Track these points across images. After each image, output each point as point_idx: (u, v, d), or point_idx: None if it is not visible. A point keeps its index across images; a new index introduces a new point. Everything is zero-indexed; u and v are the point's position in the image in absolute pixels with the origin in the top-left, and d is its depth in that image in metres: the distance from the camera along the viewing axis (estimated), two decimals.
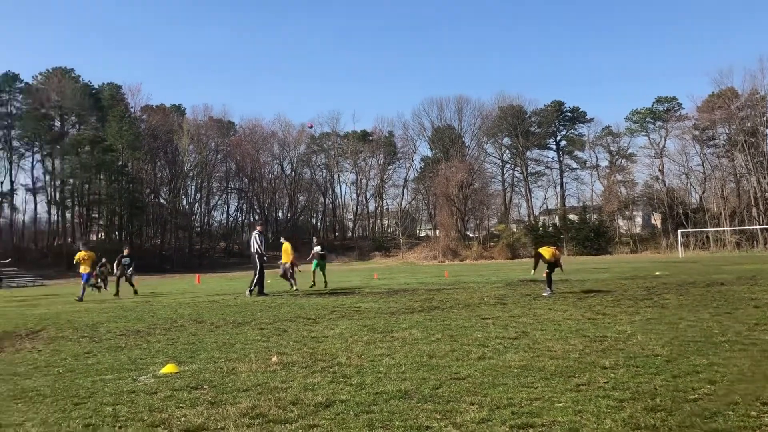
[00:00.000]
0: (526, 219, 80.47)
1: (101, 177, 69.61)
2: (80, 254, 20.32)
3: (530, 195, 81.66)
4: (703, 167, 69.87)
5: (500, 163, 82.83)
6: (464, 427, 4.20)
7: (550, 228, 72.32)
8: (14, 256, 55.56)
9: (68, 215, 71.57)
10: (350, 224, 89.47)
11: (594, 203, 76.66)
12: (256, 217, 77.97)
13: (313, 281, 20.43)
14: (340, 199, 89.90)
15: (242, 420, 4.50)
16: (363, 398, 5.04)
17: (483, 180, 79.27)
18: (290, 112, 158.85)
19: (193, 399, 5.21)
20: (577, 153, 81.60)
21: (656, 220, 74.48)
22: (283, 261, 20.01)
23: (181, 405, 5.01)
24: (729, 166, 67.40)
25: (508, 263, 51.32)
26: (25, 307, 17.32)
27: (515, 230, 74.37)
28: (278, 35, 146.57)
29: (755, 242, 59.76)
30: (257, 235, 18.12)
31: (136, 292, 20.76)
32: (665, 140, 72.82)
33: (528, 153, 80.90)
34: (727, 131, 67.45)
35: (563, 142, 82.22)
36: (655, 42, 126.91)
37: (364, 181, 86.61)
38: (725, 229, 61.73)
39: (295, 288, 19.31)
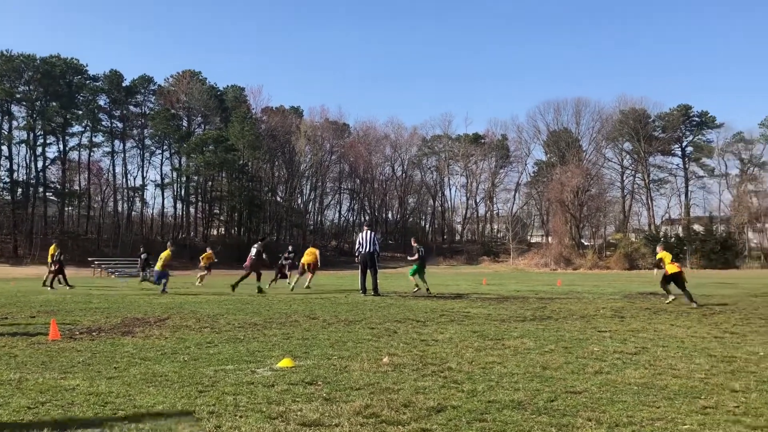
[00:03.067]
0: (647, 228, 76.73)
1: (223, 175, 73.43)
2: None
3: (651, 203, 77.89)
4: None
5: (620, 169, 79.67)
6: None
7: (673, 239, 68.57)
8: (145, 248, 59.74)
9: (192, 210, 75.99)
10: (459, 227, 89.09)
11: (722, 214, 71.98)
12: (366, 218, 79.25)
13: (417, 285, 19.89)
14: (449, 202, 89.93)
15: (356, 418, 4.57)
16: (475, 405, 4.98)
17: (600, 186, 76.44)
18: (403, 114, 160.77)
19: (308, 394, 5.36)
20: (704, 160, 77.02)
21: None
22: (304, 261, 21.58)
23: (297, 399, 5.17)
24: None
25: (624, 274, 49.18)
26: (152, 296, 18.50)
27: (634, 240, 71.11)
28: (394, 36, 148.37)
29: None
30: (371, 235, 18.35)
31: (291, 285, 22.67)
32: None
33: (651, 159, 77.27)
34: None
35: (689, 149, 77.90)
36: None
37: (474, 184, 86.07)
38: None
39: (291, 287, 20.83)
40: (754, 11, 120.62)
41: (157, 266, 20.59)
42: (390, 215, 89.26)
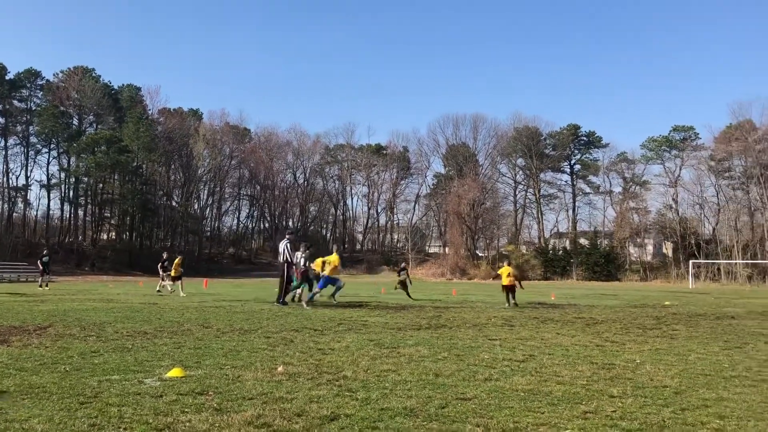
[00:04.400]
0: (537, 241, 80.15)
1: (115, 177, 70.19)
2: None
3: (542, 217, 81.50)
4: (718, 198, 69.52)
5: (513, 184, 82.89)
6: None
7: (560, 252, 71.96)
8: (25, 251, 56.03)
9: (80, 213, 72.10)
10: (360, 237, 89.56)
11: (605, 229, 76.37)
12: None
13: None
14: (351, 211, 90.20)
15: (247, 428, 4.48)
16: (368, 413, 5.01)
17: (495, 200, 79.32)
18: (306, 121, 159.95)
19: (198, 404, 5.20)
20: (590, 177, 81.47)
21: (667, 249, 73.96)
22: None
23: (186, 410, 5.00)
24: (744, 198, 67.00)
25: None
26: (33, 302, 17.39)
27: (525, 252, 74.06)
28: (298, 46, 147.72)
29: (767, 277, 59.17)
30: (287, 245, 17.81)
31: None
32: (680, 169, 72.73)
33: (541, 175, 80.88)
34: (743, 163, 67.12)
35: (577, 166, 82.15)
36: (675, 70, 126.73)
37: (376, 194, 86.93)
38: (737, 261, 61.20)
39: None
40: (638, 41, 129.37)
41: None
42: (291, 223, 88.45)
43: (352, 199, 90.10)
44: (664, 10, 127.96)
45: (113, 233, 73.83)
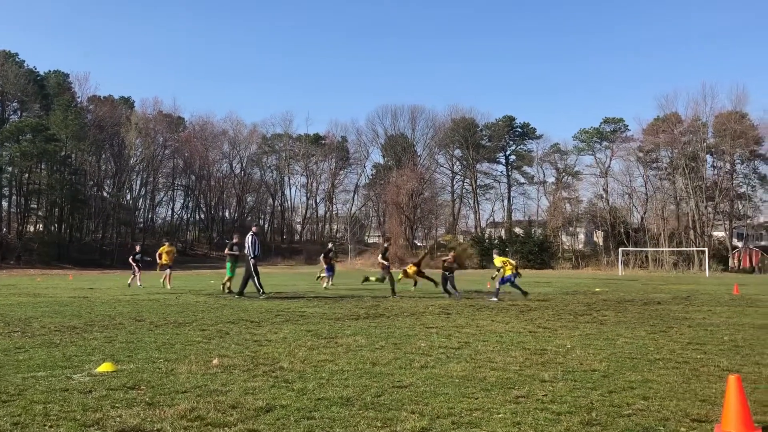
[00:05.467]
0: (473, 230, 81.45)
1: (42, 167, 67.30)
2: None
3: (478, 207, 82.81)
4: (646, 188, 72.23)
5: (450, 174, 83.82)
6: None
7: (496, 240, 73.34)
8: None
9: (5, 204, 68.95)
10: (298, 227, 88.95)
11: (539, 218, 78.24)
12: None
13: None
14: (289, 202, 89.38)
15: (180, 422, 4.40)
16: (304, 404, 5.00)
17: (433, 190, 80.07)
18: (243, 111, 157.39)
19: (129, 399, 5.08)
20: (525, 168, 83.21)
21: (598, 237, 76.39)
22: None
23: (116, 405, 4.88)
24: (670, 188, 69.78)
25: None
26: None
27: (462, 241, 75.15)
28: (234, 34, 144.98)
29: (691, 264, 61.93)
30: (251, 237, 17.65)
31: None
32: (610, 160, 75.01)
33: (478, 166, 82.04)
34: (670, 155, 69.85)
35: (512, 157, 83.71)
36: (606, 63, 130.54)
37: (314, 184, 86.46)
38: (664, 249, 63.80)
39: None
40: (570, 35, 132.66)
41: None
42: (227, 214, 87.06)
43: (290, 189, 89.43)
44: (593, 4, 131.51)
45: (41, 225, 70.92)
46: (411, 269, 20.23)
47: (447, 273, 18.65)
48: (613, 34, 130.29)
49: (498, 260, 17.99)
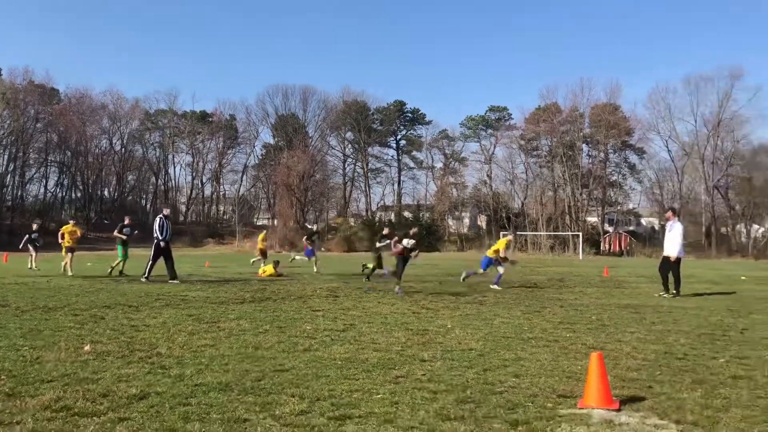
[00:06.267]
0: (364, 214, 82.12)
1: None
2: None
3: (369, 190, 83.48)
4: (527, 175, 75.51)
5: (342, 157, 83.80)
6: (283, 419, 4.20)
7: (386, 224, 74.36)
8: None
9: None
10: (183, 208, 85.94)
11: (427, 202, 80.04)
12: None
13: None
14: (173, 181, 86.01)
15: (43, 413, 4.16)
16: (181, 390, 4.87)
17: (324, 172, 79.75)
18: (124, 84, 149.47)
19: None
20: (415, 153, 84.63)
21: (482, 221, 79.26)
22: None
23: None
24: (549, 175, 73.36)
25: (344, 256, 52.07)
26: None
27: (353, 224, 75.63)
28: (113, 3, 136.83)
29: (566, 247, 65.58)
30: (159, 220, 16.91)
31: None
32: (495, 147, 77.79)
33: (369, 149, 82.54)
34: (549, 143, 73.39)
35: (403, 142, 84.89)
36: (493, 52, 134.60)
37: (201, 163, 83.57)
38: (542, 233, 67.13)
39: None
40: (456, 24, 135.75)
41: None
42: (107, 192, 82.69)
43: (174, 167, 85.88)
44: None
45: None
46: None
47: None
48: (497, 24, 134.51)
49: (501, 243, 16.68)
